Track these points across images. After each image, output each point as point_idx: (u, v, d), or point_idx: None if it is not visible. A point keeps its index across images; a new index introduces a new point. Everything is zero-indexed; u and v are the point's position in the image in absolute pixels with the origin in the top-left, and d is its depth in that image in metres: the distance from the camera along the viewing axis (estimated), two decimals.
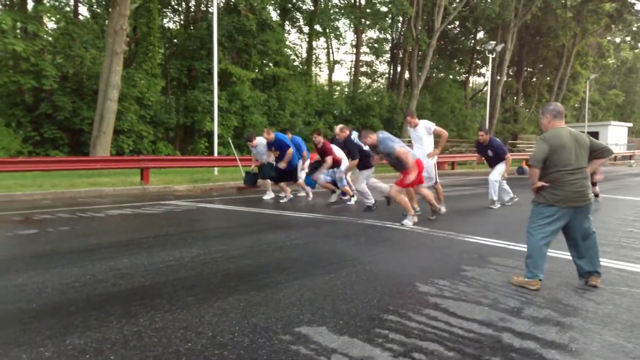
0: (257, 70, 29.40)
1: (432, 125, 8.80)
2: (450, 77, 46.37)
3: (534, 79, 50.41)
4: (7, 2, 25.19)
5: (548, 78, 48.63)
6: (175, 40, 30.59)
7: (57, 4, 26.17)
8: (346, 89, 43.65)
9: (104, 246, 5.89)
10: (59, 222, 7.70)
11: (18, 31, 22.56)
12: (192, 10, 31.92)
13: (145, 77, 23.72)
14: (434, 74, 43.33)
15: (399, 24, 39.54)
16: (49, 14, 24.10)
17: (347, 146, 9.35)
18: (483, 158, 10.15)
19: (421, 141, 8.72)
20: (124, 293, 4.01)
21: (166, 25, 31.27)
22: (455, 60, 48.03)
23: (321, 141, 10.11)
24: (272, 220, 8.16)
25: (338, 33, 36.07)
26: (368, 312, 3.55)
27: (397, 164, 7.60)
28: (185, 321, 3.36)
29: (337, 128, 9.49)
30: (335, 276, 4.51)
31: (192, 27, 30.47)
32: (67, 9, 27.06)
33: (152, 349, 2.91)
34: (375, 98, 38.53)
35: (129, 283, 4.28)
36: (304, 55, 37.41)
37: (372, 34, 42.13)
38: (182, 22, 32.50)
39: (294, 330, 3.20)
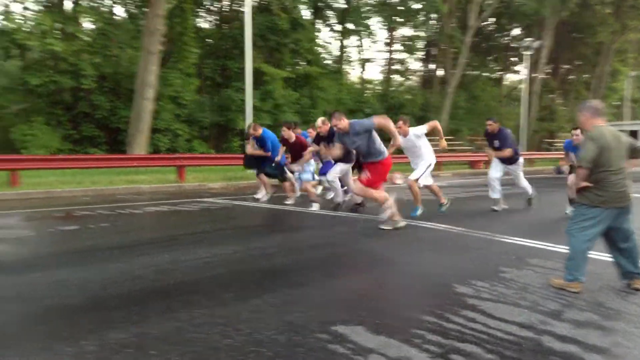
0: (289, 69, 29.51)
1: (420, 130, 8.16)
2: (485, 74, 45.56)
3: (572, 77, 49.15)
4: (47, 4, 25.91)
5: (586, 75, 47.35)
6: (209, 40, 30.96)
7: (94, 4, 26.79)
8: (378, 87, 43.41)
9: (143, 242, 6.01)
10: (99, 219, 7.89)
11: (57, 32, 23.18)
12: (225, 10, 32.24)
13: (180, 76, 24.11)
14: (468, 71, 42.66)
15: (433, 21, 39.11)
16: (86, 15, 24.72)
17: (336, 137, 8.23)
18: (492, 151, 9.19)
19: (415, 148, 8.24)
20: (163, 289, 4.08)
21: (200, 25, 31.68)
22: (489, 58, 47.18)
23: (292, 136, 9.45)
24: (306, 218, 8.19)
25: (370, 31, 35.90)
26: (405, 312, 3.54)
27: (369, 153, 6.81)
28: (224, 318, 3.40)
29: (319, 121, 8.77)
30: (371, 275, 4.50)
31: (225, 27, 30.78)
32: (104, 9, 27.68)
33: (192, 345, 2.96)
34: (408, 96, 38.20)
35: (168, 279, 4.36)
36: (336, 53, 37.41)
37: (405, 31, 41.80)
38: (215, 22, 32.87)
39: (330, 329, 3.20)
